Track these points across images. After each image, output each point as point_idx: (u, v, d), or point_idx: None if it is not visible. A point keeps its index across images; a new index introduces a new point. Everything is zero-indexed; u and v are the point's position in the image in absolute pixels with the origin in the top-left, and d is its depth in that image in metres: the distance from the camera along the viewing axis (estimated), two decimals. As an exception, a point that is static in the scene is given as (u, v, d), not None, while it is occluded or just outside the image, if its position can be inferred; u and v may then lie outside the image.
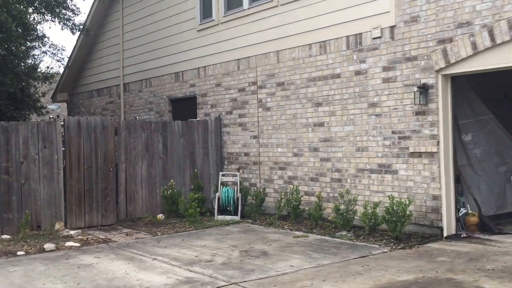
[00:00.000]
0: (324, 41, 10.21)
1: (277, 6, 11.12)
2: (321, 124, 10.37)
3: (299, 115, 10.79)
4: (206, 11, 13.03)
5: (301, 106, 10.73)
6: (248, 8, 11.80)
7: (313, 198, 10.30)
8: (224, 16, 12.45)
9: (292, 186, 10.71)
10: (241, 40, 12.01)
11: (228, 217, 11.01)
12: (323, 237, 8.98)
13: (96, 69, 18.01)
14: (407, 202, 8.33)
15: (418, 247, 7.95)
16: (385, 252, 7.69)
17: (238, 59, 12.14)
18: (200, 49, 13.16)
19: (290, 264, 7.19)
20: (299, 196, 10.31)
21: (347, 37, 9.80)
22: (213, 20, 12.74)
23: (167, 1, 14.26)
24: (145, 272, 7.01)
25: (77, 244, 8.93)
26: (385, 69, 9.19)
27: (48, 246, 8.69)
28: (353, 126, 9.75)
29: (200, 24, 13.14)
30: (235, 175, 11.71)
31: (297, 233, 9.39)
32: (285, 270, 6.90)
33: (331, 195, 10.16)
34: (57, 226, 10.15)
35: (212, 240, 9.05)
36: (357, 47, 9.64)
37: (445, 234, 8.45)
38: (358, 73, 9.65)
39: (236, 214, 11.07)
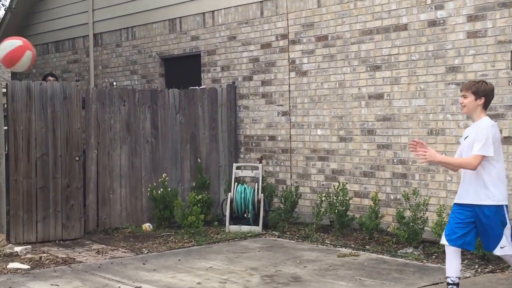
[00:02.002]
0: (386, -24, 10.64)
1: None
2: (379, 96, 10.77)
3: (348, 83, 11.19)
4: None
5: (351, 70, 11.13)
6: None
7: (367, 201, 10.72)
8: None
9: (336, 184, 11.04)
10: (266, -29, 12.42)
11: (244, 228, 11.40)
12: (380, 256, 9.33)
13: (53, 12, 18.28)
14: (499, 208, 8.74)
15: (512, 270, 8.36)
16: (467, 277, 7.97)
17: (261, 1, 12.53)
18: (206, -15, 13.59)
19: (333, 294, 7.55)
20: (347, 198, 10.65)
21: (418, -29, 10.22)
22: None
23: None
24: None
25: (25, 266, 9.04)
26: (471, 18, 9.55)
27: None
28: (425, 99, 10.15)
29: (206, -50, 13.58)
30: (256, 168, 12.04)
31: (344, 250, 9.75)
32: (326, 303, 7.27)
33: (392, 197, 10.60)
34: (-5, 239, 10.31)
35: (222, 260, 9.31)
36: (432, -14, 10.05)
37: (552, 254, 8.87)
38: (432, 23, 10.02)
39: (256, 224, 11.45)
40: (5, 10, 19.65)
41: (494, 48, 9.37)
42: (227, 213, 11.65)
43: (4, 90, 10.74)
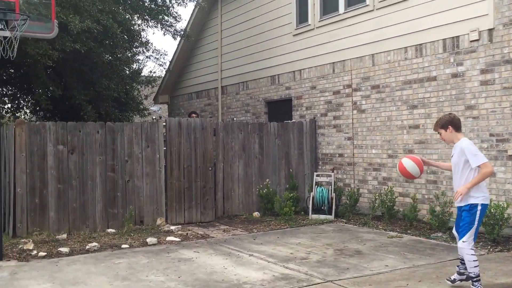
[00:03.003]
0: (420, 44, 10.18)
1: (372, 10, 11.19)
2: (416, 126, 10.34)
3: (394, 117, 10.81)
4: (302, 16, 13.28)
5: (396, 108, 10.75)
6: (344, 13, 11.93)
7: (408, 199, 10.30)
8: (319, 21, 12.63)
9: (386, 187, 10.73)
10: (336, 44, 12.14)
11: (322, 216, 11.16)
12: (418, 238, 8.95)
13: (195, 72, 18.70)
14: (505, 205, 8.19)
15: (516, 250, 7.83)
16: (482, 254, 7.57)
17: (333, 63, 12.29)
18: (295, 53, 13.43)
19: (384, 263, 7.21)
20: (394, 197, 10.32)
21: (444, 40, 9.72)
22: (309, 24, 12.95)
23: (265, 7, 14.63)
24: (242, 267, 7.21)
25: (177, 239, 9.21)
26: (483, 71, 9.06)
27: (150, 240, 9.00)
28: (449, 129, 9.68)
29: (296, 29, 13.40)
30: (330, 175, 11.82)
31: (391, 233, 9.40)
32: (380, 269, 6.92)
33: (426, 196, 10.12)
34: (158, 221, 10.42)
35: (307, 238, 9.16)
36: (454, 50, 9.54)
37: (545, 239, 8.24)
38: (454, 75, 9.56)
39: (330, 214, 11.18)
40: (165, 71, 20.13)
41: (500, 92, 8.83)
42: (310, 206, 11.40)
43: (164, 124, 10.88)
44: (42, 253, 8.09)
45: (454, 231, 6.19)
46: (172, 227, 10.11)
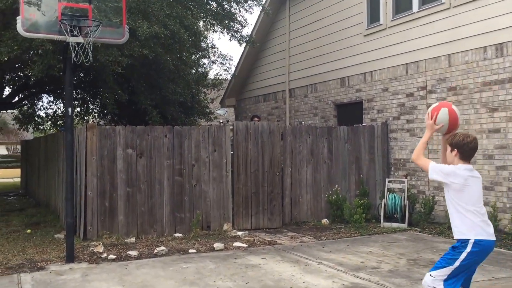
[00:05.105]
0: (501, 43, 9.91)
1: (449, 8, 10.98)
2: (496, 131, 10.06)
3: (472, 121, 10.56)
4: (373, 16, 13.20)
5: (475, 111, 10.50)
6: (418, 11, 11.77)
7: (488, 208, 9.97)
8: (392, 20, 12.51)
9: (463, 194, 10.49)
10: (409, 44, 11.99)
11: (394, 225, 11.03)
12: (499, 249, 8.67)
13: (261, 76, 18.90)
14: None
15: None
16: None
17: (406, 64, 12.14)
18: (366, 54, 13.34)
19: (461, 275, 7.14)
20: (472, 205, 10.08)
21: (527, 38, 9.47)
22: (381, 24, 12.85)
23: (333, 8, 14.63)
24: (310, 275, 7.24)
25: (244, 245, 9.32)
26: None
27: (217, 245, 9.14)
28: (533, 133, 9.39)
29: (367, 29, 13.32)
30: (402, 182, 11.67)
31: (469, 244, 9.21)
32: (456, 281, 6.88)
33: (507, 205, 9.81)
34: (225, 226, 10.57)
35: (378, 247, 9.09)
36: (539, 49, 9.27)
37: None
38: (539, 76, 9.28)
39: (403, 222, 11.04)
40: (231, 76, 20.45)
41: None
42: (382, 214, 11.29)
43: (231, 128, 11.04)
44: (112, 256, 8.45)
45: None
46: (239, 233, 10.29)
